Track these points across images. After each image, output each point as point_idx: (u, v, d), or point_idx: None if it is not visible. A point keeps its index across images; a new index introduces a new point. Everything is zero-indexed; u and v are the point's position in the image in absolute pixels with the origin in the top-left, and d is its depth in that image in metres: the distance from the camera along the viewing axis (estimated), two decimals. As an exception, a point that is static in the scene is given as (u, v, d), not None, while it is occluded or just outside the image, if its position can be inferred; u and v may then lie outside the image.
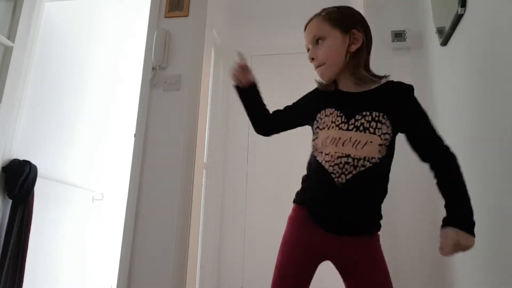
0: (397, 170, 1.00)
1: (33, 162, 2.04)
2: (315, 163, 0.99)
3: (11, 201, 1.93)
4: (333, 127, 0.97)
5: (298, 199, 1.05)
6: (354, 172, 0.93)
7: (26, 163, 2.00)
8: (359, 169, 0.93)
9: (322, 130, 1.00)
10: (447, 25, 1.36)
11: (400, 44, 1.85)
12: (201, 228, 2.21)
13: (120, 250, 1.75)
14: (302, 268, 0.98)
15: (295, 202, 1.06)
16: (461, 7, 1.21)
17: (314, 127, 1.04)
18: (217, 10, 2.42)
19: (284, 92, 1.16)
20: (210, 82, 2.39)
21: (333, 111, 0.99)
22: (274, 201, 2.49)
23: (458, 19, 1.27)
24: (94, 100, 2.83)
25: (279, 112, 1.16)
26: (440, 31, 1.50)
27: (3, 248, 1.84)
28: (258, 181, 2.60)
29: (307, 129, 1.29)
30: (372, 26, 1.07)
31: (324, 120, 1.00)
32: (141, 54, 2.03)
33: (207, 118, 2.10)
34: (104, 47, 2.93)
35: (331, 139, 0.96)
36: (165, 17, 2.03)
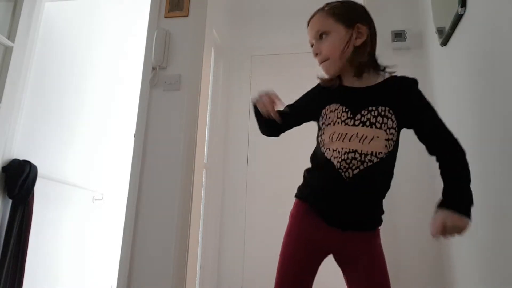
0: (397, 170, 1.00)
1: (33, 162, 2.04)
2: (323, 158, 0.99)
3: (11, 201, 1.93)
4: (339, 123, 0.97)
5: (300, 193, 1.05)
6: (362, 167, 0.93)
7: (26, 163, 2.00)
8: (366, 164, 0.92)
9: (328, 126, 0.99)
10: (447, 25, 1.36)
11: (400, 44, 1.85)
12: (201, 228, 2.21)
13: (120, 250, 1.75)
14: (303, 265, 0.98)
15: (297, 196, 1.06)
16: (461, 7, 1.21)
17: (320, 123, 1.04)
18: (217, 10, 2.42)
19: (284, 92, 1.15)
20: (210, 82, 2.39)
21: (338, 107, 0.99)
22: (274, 201, 2.49)
23: (458, 19, 1.27)
24: (94, 100, 2.83)
25: (283, 114, 1.14)
26: (440, 31, 1.50)
27: (3, 248, 1.84)
28: (258, 181, 2.60)
29: (307, 128, 1.28)
30: (372, 26, 1.07)
31: (330, 116, 1.00)
32: (141, 54, 2.03)
33: (207, 118, 2.10)
34: (104, 47, 2.93)
35: (337, 134, 0.96)
36: (165, 17, 2.03)
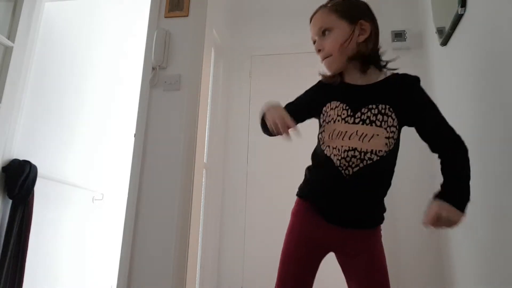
0: (398, 169, 1.00)
1: (33, 162, 2.04)
2: (323, 156, 0.99)
3: (11, 201, 1.93)
4: (339, 121, 0.97)
5: (301, 192, 1.05)
6: (361, 165, 0.93)
7: (26, 163, 1.99)
8: (366, 162, 0.92)
9: (328, 123, 0.99)
10: (447, 25, 1.36)
11: (400, 44, 1.85)
12: (201, 228, 2.21)
13: (120, 250, 1.75)
14: (304, 263, 0.98)
15: (298, 195, 1.06)
16: (461, 7, 1.21)
17: (321, 121, 1.04)
18: (217, 10, 2.42)
19: (284, 92, 1.15)
20: (210, 82, 2.39)
21: (338, 104, 0.99)
22: (274, 201, 2.49)
23: (458, 19, 1.27)
24: (94, 100, 2.83)
25: (288, 109, 1.13)
26: (440, 31, 1.50)
27: (3, 248, 1.84)
28: (258, 181, 2.60)
29: (308, 128, 1.28)
30: (372, 26, 1.07)
31: (330, 114, 0.99)
32: (141, 54, 2.03)
33: (207, 118, 2.10)
34: (104, 47, 2.93)
35: (337, 132, 0.96)
36: (165, 17, 2.03)
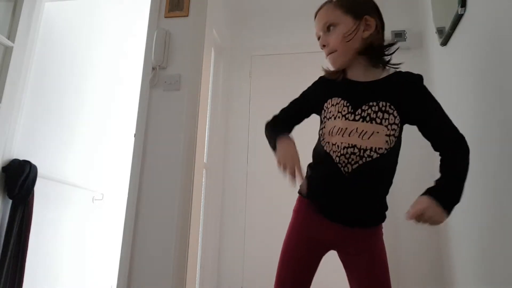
0: (399, 168, 1.00)
1: (33, 162, 2.04)
2: (323, 152, 0.99)
3: (11, 201, 1.93)
4: (339, 117, 0.97)
5: (302, 189, 1.05)
6: (360, 162, 0.93)
7: (26, 163, 1.99)
8: (365, 159, 0.92)
9: (329, 120, 0.99)
10: (447, 25, 1.36)
11: (400, 44, 1.85)
12: (201, 228, 2.21)
13: (120, 250, 1.75)
14: (304, 263, 0.98)
15: (299, 192, 1.06)
16: (461, 7, 1.21)
17: (322, 117, 1.04)
18: (217, 10, 2.42)
19: (284, 92, 1.15)
20: (210, 82, 2.39)
21: (339, 101, 0.99)
22: (274, 201, 2.49)
23: (458, 19, 1.27)
24: (94, 100, 2.83)
25: (289, 114, 1.14)
26: (440, 31, 1.50)
27: (3, 248, 1.84)
28: (258, 181, 2.60)
29: (308, 129, 1.28)
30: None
31: (331, 110, 0.99)
32: (141, 54, 2.03)
33: (207, 118, 2.10)
34: (104, 47, 2.93)
35: (337, 129, 0.96)
36: (165, 17, 2.03)
